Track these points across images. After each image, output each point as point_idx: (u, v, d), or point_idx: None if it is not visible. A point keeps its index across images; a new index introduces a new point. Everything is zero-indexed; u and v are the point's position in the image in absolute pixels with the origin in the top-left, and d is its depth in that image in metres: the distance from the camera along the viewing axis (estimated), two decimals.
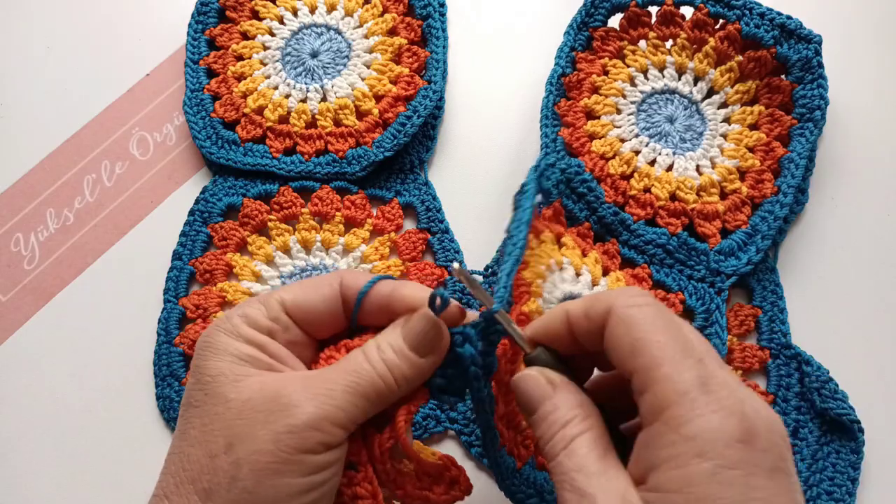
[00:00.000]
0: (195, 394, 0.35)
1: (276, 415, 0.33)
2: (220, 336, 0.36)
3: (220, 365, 0.35)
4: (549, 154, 0.56)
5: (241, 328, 0.36)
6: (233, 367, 0.35)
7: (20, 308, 0.57)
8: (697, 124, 0.58)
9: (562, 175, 0.55)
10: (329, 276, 0.38)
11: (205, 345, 0.36)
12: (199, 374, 0.35)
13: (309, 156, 0.59)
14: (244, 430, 0.33)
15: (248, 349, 0.35)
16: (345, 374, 0.34)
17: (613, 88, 0.59)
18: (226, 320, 0.37)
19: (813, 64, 0.56)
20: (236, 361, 0.35)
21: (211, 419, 0.34)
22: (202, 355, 0.36)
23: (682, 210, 0.55)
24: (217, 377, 0.34)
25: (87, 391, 0.55)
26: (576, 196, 0.56)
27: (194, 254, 0.57)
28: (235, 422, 0.33)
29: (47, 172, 0.61)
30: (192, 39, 0.63)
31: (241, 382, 0.34)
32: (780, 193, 0.54)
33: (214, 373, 0.35)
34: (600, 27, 0.60)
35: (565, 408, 0.34)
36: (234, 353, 0.35)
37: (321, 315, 0.38)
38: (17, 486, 0.52)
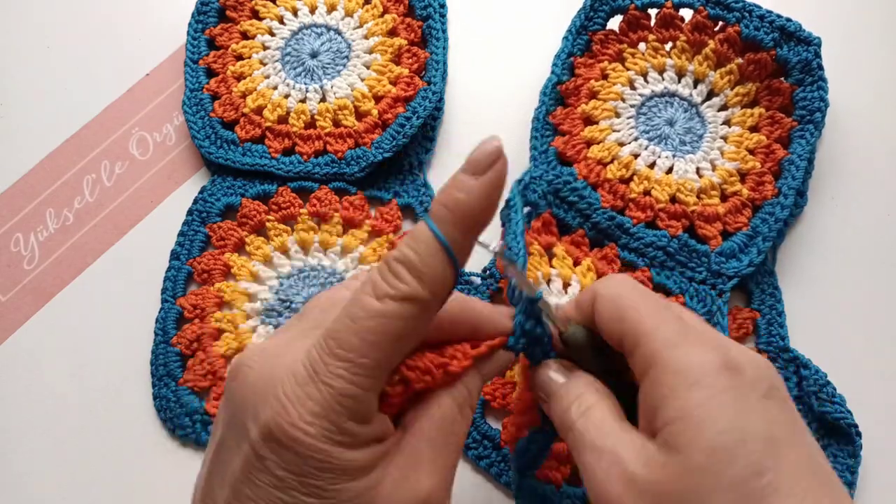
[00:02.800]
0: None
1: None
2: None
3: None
4: (537, 166, 0.57)
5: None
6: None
7: (20, 308, 0.57)
8: (697, 127, 0.58)
9: (548, 186, 0.55)
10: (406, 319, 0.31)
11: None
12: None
13: (308, 156, 0.59)
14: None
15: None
16: (435, 445, 0.32)
17: (612, 92, 0.58)
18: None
19: (813, 66, 0.56)
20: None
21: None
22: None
23: (682, 212, 0.55)
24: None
25: (87, 391, 0.55)
26: (566, 205, 0.56)
27: (192, 254, 0.57)
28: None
29: (47, 172, 0.61)
30: (192, 39, 0.63)
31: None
32: (780, 195, 0.54)
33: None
34: (599, 30, 0.60)
35: (576, 385, 0.35)
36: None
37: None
38: (16, 486, 0.52)
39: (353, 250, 0.57)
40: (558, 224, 0.56)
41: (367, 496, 0.30)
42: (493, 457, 0.51)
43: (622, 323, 0.34)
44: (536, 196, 0.56)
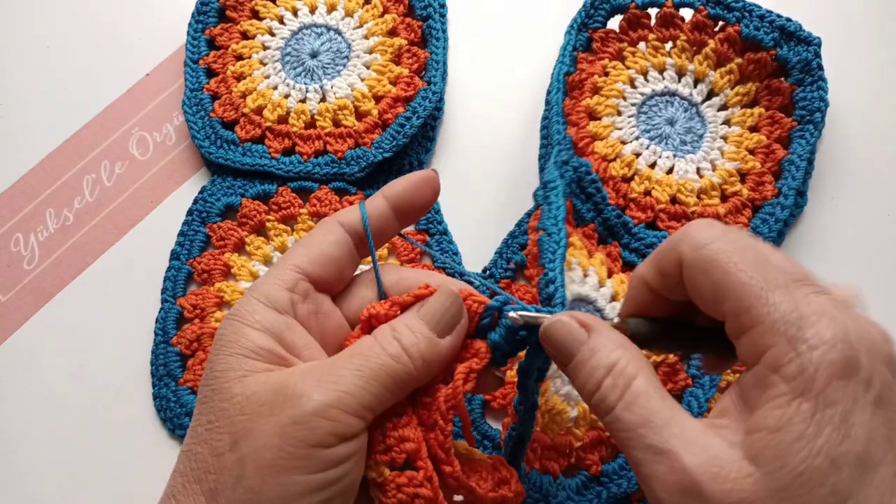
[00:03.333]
0: (203, 389, 0.33)
1: (280, 406, 0.31)
2: (234, 326, 0.34)
3: (229, 360, 0.33)
4: (561, 151, 0.55)
5: (258, 313, 0.34)
6: (241, 362, 0.33)
7: (20, 308, 0.57)
8: (697, 126, 0.58)
9: (574, 174, 0.55)
10: (323, 225, 0.38)
11: (219, 337, 0.34)
12: (208, 368, 0.34)
13: (308, 156, 0.59)
14: (248, 425, 0.31)
15: (263, 340, 0.34)
16: (351, 358, 0.32)
17: (614, 90, 0.58)
18: (244, 305, 0.35)
19: (813, 66, 0.56)
20: (248, 355, 0.33)
21: (216, 416, 0.32)
22: (215, 349, 0.34)
23: (682, 213, 0.55)
24: (225, 372, 0.33)
25: (87, 391, 0.55)
26: (584, 196, 0.55)
27: (192, 254, 0.57)
28: (239, 417, 0.31)
29: (47, 172, 0.61)
30: (192, 39, 0.63)
31: (247, 377, 0.32)
32: (780, 195, 0.54)
33: (222, 367, 0.33)
34: (600, 29, 0.60)
35: (605, 350, 0.32)
36: (246, 345, 0.33)
37: (338, 261, 0.37)
38: (16, 486, 0.52)
39: None
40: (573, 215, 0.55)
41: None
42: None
43: (721, 304, 0.31)
44: (564, 182, 0.54)
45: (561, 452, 0.49)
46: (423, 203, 0.39)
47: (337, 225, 0.37)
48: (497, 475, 0.36)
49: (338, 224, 0.37)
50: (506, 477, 0.37)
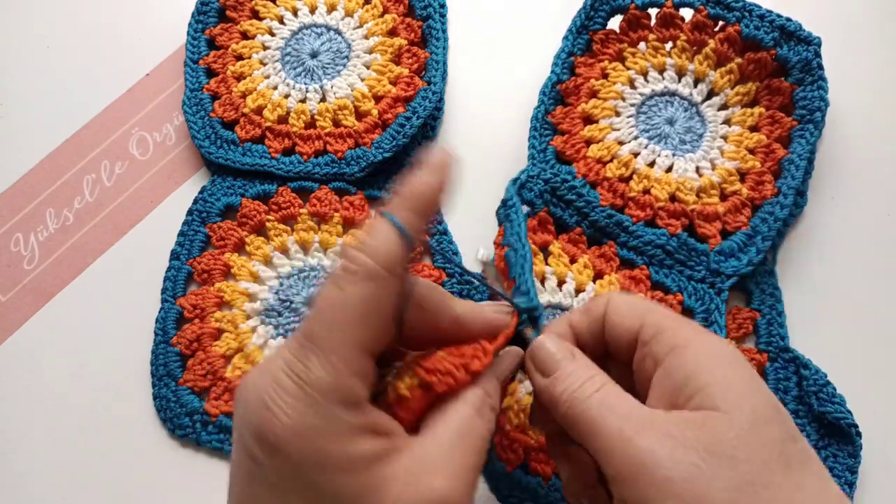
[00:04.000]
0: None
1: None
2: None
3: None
4: (534, 165, 0.57)
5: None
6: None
7: (20, 308, 0.57)
8: (697, 126, 0.58)
9: (545, 185, 0.56)
10: (373, 281, 0.31)
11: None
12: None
13: (308, 156, 0.59)
14: None
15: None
16: (467, 453, 0.33)
17: (613, 91, 0.59)
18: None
19: (813, 66, 0.56)
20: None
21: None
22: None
23: (682, 211, 0.55)
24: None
25: (87, 391, 0.55)
26: (563, 203, 0.56)
27: (192, 254, 0.57)
28: None
29: (47, 172, 0.61)
30: (192, 39, 0.63)
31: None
32: (780, 195, 0.54)
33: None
34: (600, 30, 0.60)
35: (588, 366, 0.36)
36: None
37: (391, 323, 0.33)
38: (16, 486, 0.52)
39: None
40: (555, 222, 0.56)
41: (369, 497, 0.30)
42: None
43: (643, 317, 0.36)
44: (533, 195, 0.56)
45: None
46: (442, 196, 0.35)
47: (385, 277, 0.31)
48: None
49: (384, 279, 0.31)
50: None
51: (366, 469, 0.30)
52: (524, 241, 0.39)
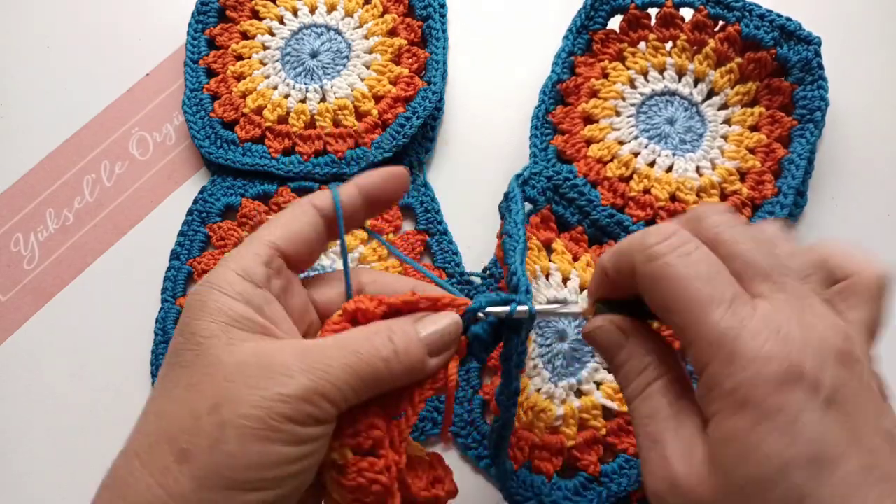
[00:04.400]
0: (185, 353, 0.33)
1: (269, 381, 0.31)
2: (214, 294, 0.34)
3: (212, 326, 0.33)
4: (537, 162, 0.57)
5: (238, 285, 0.35)
6: (227, 330, 0.33)
7: (20, 308, 0.57)
8: (697, 126, 0.58)
9: (548, 182, 0.56)
10: (297, 206, 0.39)
11: (198, 303, 0.34)
12: (188, 333, 0.34)
13: (308, 156, 0.59)
14: (234, 392, 0.31)
15: (244, 309, 0.34)
16: (345, 352, 0.33)
17: (613, 91, 0.59)
18: (221, 276, 0.35)
19: (813, 65, 0.56)
20: (231, 323, 0.34)
21: (199, 379, 0.32)
22: (195, 314, 0.34)
23: (682, 211, 0.55)
24: (210, 339, 0.33)
25: (87, 391, 0.55)
26: (566, 202, 0.56)
27: (192, 254, 0.57)
28: (225, 384, 0.32)
29: (47, 172, 0.61)
30: (192, 39, 0.63)
31: (235, 346, 0.33)
32: (780, 194, 0.54)
33: (207, 334, 0.33)
34: (600, 30, 0.60)
35: (639, 356, 0.35)
36: (228, 313, 0.34)
37: (310, 242, 0.38)
38: (16, 486, 0.52)
39: (353, 250, 0.57)
40: (557, 220, 0.56)
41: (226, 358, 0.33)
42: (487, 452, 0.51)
43: (670, 316, 0.32)
44: (535, 192, 0.56)
45: (553, 452, 0.50)
46: (392, 196, 0.40)
47: (310, 206, 0.38)
48: (432, 473, 0.37)
49: (311, 206, 0.38)
50: (440, 476, 0.38)
51: (239, 342, 0.33)
52: (521, 229, 0.39)
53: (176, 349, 0.34)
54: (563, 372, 0.51)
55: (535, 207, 0.56)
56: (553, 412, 0.50)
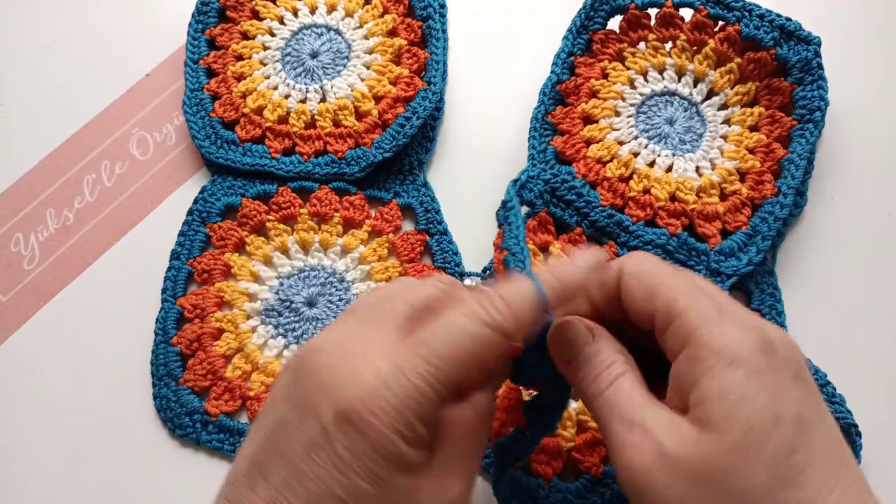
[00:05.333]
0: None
1: None
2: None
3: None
4: (535, 165, 0.57)
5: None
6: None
7: (20, 308, 0.57)
8: (697, 126, 0.58)
9: (545, 185, 0.56)
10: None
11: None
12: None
13: (308, 156, 0.59)
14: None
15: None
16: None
17: (612, 91, 0.59)
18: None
19: (813, 65, 0.56)
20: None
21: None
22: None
23: (682, 211, 0.55)
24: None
25: (87, 391, 0.55)
26: (563, 204, 0.56)
27: (192, 254, 0.57)
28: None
29: (47, 172, 0.61)
30: (192, 39, 0.63)
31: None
32: (780, 194, 0.54)
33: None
34: (600, 30, 0.60)
35: (606, 352, 0.36)
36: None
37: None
38: (16, 486, 0.52)
39: (353, 250, 0.57)
40: (555, 223, 0.56)
41: (410, 496, 0.32)
42: (492, 457, 0.51)
43: (654, 300, 0.35)
44: (533, 195, 0.56)
45: (551, 454, 0.49)
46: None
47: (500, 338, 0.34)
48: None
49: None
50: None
51: (413, 472, 0.32)
52: (523, 245, 0.39)
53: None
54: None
55: (532, 211, 0.56)
56: None
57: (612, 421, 0.34)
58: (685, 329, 0.33)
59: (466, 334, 0.33)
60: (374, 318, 0.35)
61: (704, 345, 0.32)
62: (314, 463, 0.31)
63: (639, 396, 0.34)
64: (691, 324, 0.33)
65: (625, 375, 0.35)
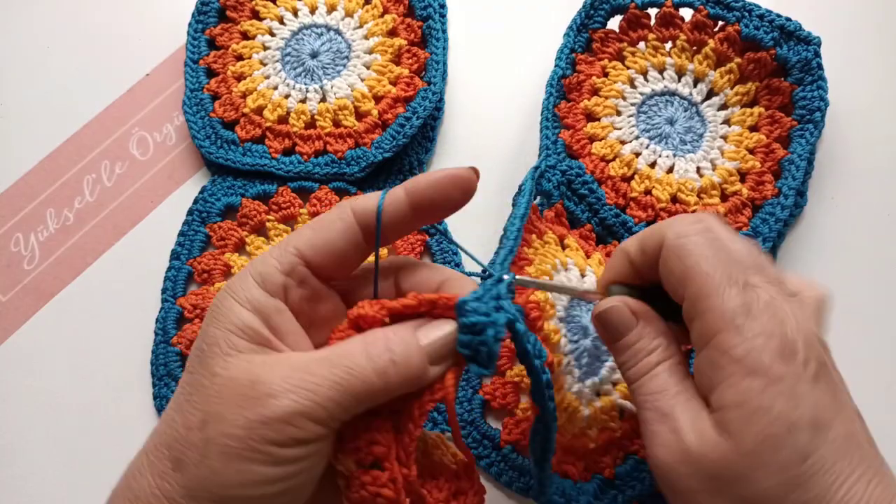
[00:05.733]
0: (192, 359, 0.34)
1: (252, 401, 0.31)
2: (226, 300, 0.34)
3: (217, 333, 0.33)
4: (549, 156, 0.56)
5: (250, 291, 0.34)
6: (229, 338, 0.33)
7: (20, 308, 0.57)
8: (697, 126, 0.58)
9: (562, 177, 0.55)
10: (337, 209, 0.36)
11: (212, 308, 0.35)
12: (199, 338, 0.34)
13: (308, 156, 0.59)
14: (220, 409, 0.32)
15: (251, 319, 0.34)
16: (332, 367, 0.32)
17: (613, 90, 0.59)
18: (239, 280, 0.35)
19: (812, 65, 0.56)
20: (235, 332, 0.33)
21: (195, 390, 0.33)
22: (207, 319, 0.34)
23: (683, 212, 0.55)
24: (212, 346, 0.33)
25: (87, 391, 0.55)
26: (577, 198, 0.56)
27: (192, 254, 0.57)
28: (214, 399, 0.32)
29: (47, 172, 0.61)
30: (192, 39, 0.63)
31: (231, 358, 0.33)
32: (780, 195, 0.54)
33: (210, 341, 0.33)
34: (599, 29, 0.60)
35: (649, 337, 0.38)
36: (234, 322, 0.34)
37: (342, 252, 0.36)
38: (16, 486, 0.52)
39: None
40: (567, 217, 0.56)
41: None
42: (493, 457, 0.51)
43: (685, 287, 0.36)
44: (551, 186, 0.56)
45: (577, 455, 0.49)
46: (445, 204, 0.37)
47: (349, 212, 0.36)
48: (455, 485, 0.37)
49: (350, 212, 0.36)
50: (464, 488, 0.37)
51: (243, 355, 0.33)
52: (516, 225, 0.39)
53: (192, 355, 0.35)
54: (588, 370, 0.50)
55: (548, 201, 0.56)
56: (581, 413, 0.49)
57: (646, 408, 0.36)
58: (709, 330, 0.34)
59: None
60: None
61: (725, 352, 0.33)
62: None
63: (673, 385, 0.36)
64: (715, 326, 0.34)
65: (663, 364, 0.37)
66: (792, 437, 0.32)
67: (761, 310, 0.34)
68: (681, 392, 0.36)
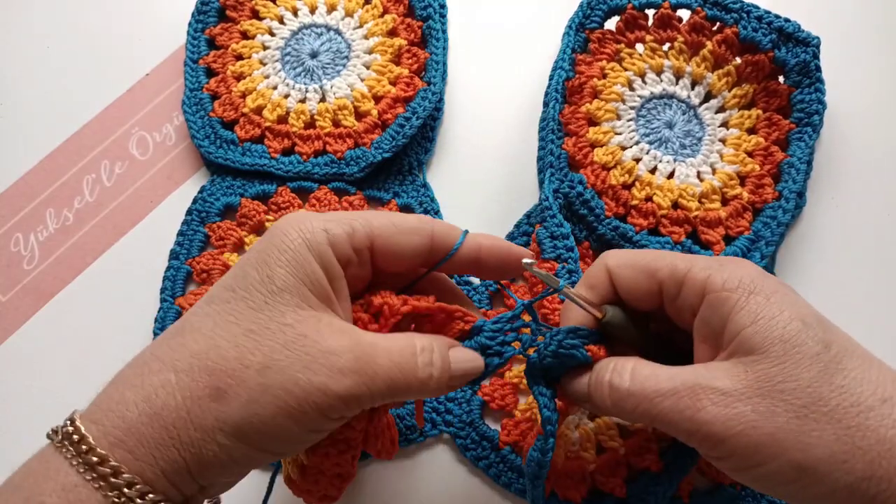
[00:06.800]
0: (255, 294, 0.34)
1: (322, 370, 0.33)
2: (299, 244, 0.35)
3: (290, 280, 0.34)
4: (554, 173, 0.55)
5: (321, 246, 0.35)
6: (300, 289, 0.34)
7: (20, 308, 0.57)
8: (696, 129, 0.58)
9: (564, 200, 0.55)
10: (420, 223, 0.38)
11: (282, 245, 0.35)
12: (265, 274, 0.34)
13: (307, 156, 0.59)
14: (288, 364, 0.32)
15: (319, 274, 0.35)
16: (393, 364, 0.34)
17: (613, 93, 0.58)
18: (310, 228, 0.35)
19: (811, 67, 0.55)
20: (307, 284, 0.34)
21: (261, 330, 0.33)
22: (275, 256, 0.34)
23: (684, 218, 0.54)
24: (282, 292, 0.34)
25: (87, 391, 0.55)
26: (575, 218, 0.55)
27: (191, 253, 0.57)
28: (282, 349, 0.33)
29: (47, 172, 0.61)
30: (192, 39, 0.63)
31: (303, 311, 0.34)
32: (781, 199, 0.54)
33: (281, 285, 0.34)
34: (597, 29, 0.59)
35: (601, 366, 0.39)
36: (308, 272, 0.34)
37: (403, 259, 0.38)
38: None
39: None
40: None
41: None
42: (491, 458, 0.51)
43: (656, 275, 0.38)
44: (556, 208, 0.54)
45: (578, 479, 0.49)
46: (500, 274, 0.41)
47: (430, 233, 0.38)
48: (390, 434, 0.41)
49: (431, 233, 0.38)
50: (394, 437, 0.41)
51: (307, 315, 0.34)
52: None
53: (248, 283, 0.34)
54: None
55: (578, 236, 0.55)
56: (570, 436, 0.49)
57: (663, 409, 0.35)
58: (698, 282, 0.37)
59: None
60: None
61: (722, 286, 0.36)
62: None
63: (663, 371, 0.36)
64: (703, 275, 0.37)
65: (636, 363, 0.37)
66: (809, 329, 0.34)
67: (725, 258, 0.39)
68: (676, 371, 0.36)
